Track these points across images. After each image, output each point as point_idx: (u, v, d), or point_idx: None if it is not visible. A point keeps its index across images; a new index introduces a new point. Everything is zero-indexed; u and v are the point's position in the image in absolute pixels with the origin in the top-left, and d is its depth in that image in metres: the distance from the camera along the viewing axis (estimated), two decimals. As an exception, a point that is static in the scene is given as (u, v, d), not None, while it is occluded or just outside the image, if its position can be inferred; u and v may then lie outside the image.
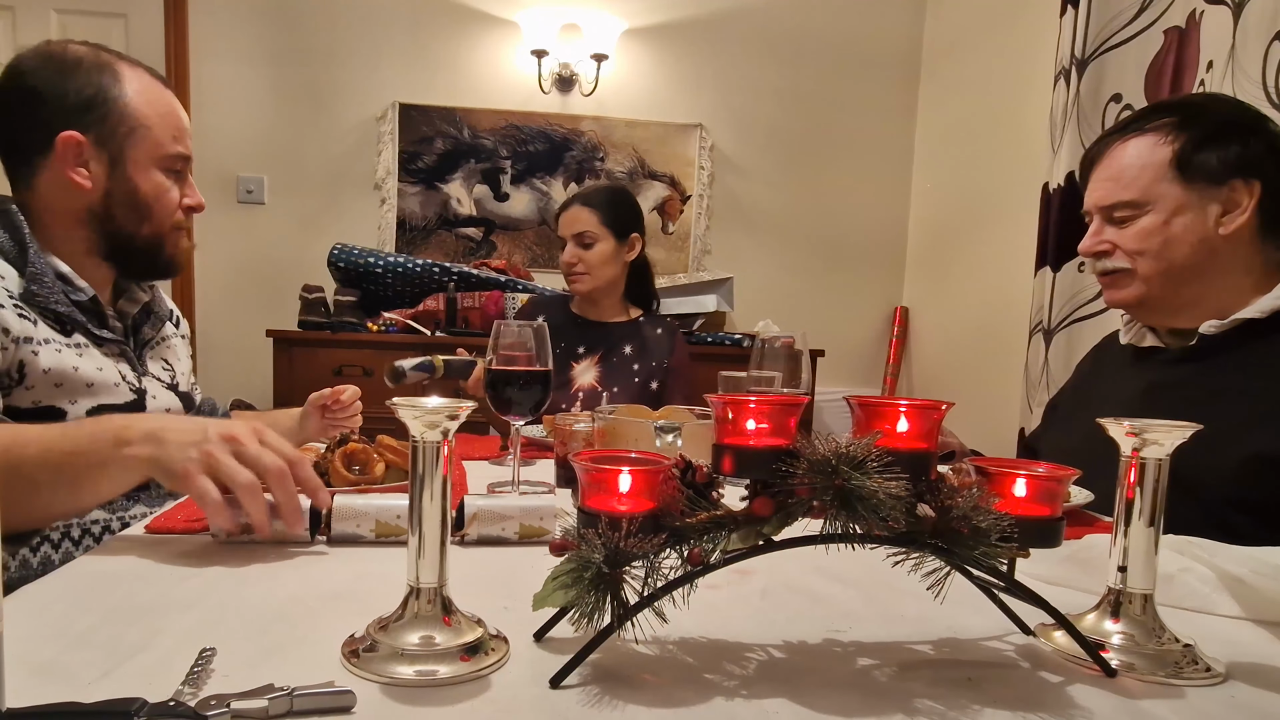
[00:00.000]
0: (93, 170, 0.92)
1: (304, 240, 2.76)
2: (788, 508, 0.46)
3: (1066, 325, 1.81)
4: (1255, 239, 0.91)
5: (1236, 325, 0.90)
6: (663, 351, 1.69)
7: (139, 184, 0.94)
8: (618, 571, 0.43)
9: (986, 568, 0.47)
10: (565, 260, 1.64)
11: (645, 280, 1.75)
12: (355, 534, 0.68)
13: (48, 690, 0.41)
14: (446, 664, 0.45)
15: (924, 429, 0.49)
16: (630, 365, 1.66)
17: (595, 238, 1.61)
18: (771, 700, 0.44)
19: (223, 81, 2.72)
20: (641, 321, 1.72)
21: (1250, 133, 0.90)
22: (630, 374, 1.65)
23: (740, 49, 2.94)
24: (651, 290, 1.77)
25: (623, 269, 1.67)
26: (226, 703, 0.39)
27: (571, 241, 1.63)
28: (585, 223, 1.61)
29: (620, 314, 1.72)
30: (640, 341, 1.68)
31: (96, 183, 0.92)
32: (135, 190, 0.94)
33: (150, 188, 0.95)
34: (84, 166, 0.91)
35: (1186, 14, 1.53)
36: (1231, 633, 0.57)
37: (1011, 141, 2.41)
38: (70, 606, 0.53)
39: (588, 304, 1.70)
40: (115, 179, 0.93)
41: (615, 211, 1.64)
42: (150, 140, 0.94)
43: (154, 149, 0.94)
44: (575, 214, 1.63)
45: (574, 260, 1.62)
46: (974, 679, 0.48)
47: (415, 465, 0.46)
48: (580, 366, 1.65)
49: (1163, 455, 0.50)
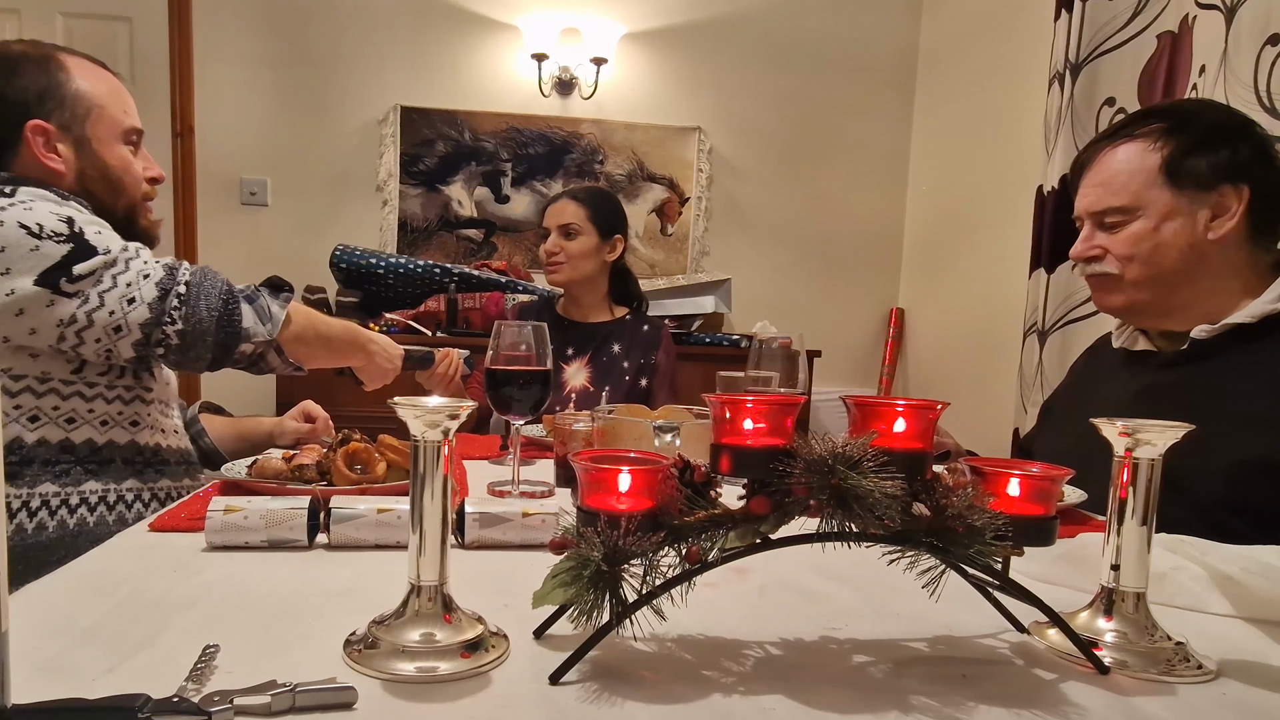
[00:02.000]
0: (62, 153, 0.97)
1: (306, 242, 2.76)
2: (784, 506, 0.47)
3: (1060, 326, 1.82)
4: (1245, 243, 0.92)
5: (1227, 330, 0.91)
6: (651, 347, 1.69)
7: (107, 159, 1.00)
8: (616, 569, 0.44)
9: (981, 566, 0.47)
10: (546, 249, 1.64)
11: (628, 280, 1.75)
12: (355, 539, 0.68)
13: (52, 687, 0.41)
14: (447, 661, 0.45)
15: (919, 429, 0.49)
16: (620, 363, 1.67)
17: (579, 230, 1.62)
18: (768, 697, 0.44)
19: (226, 84, 2.72)
20: (628, 320, 1.72)
21: (1239, 138, 0.91)
22: (621, 371, 1.66)
23: (738, 53, 2.95)
24: (636, 290, 1.77)
25: (603, 268, 1.67)
26: (230, 699, 0.39)
27: (556, 232, 1.63)
28: (571, 215, 1.63)
29: (605, 313, 1.72)
30: (628, 339, 1.69)
31: (69, 164, 0.98)
32: (105, 166, 1.00)
33: (117, 161, 1.01)
34: (54, 151, 0.97)
35: (1179, 19, 1.54)
36: (1223, 631, 0.57)
37: (1006, 145, 2.42)
38: (74, 603, 0.54)
39: (571, 305, 1.71)
40: (84, 158, 0.99)
41: (601, 210, 1.65)
42: (107, 118, 1.00)
43: (112, 125, 1.01)
44: (563, 206, 1.65)
45: (555, 249, 1.63)
46: (969, 676, 0.48)
47: (416, 464, 0.47)
48: (571, 368, 1.66)
49: (1155, 455, 0.51)
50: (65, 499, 0.93)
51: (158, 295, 0.88)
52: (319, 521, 0.69)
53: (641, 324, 1.73)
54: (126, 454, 0.98)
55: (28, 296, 0.83)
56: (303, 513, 0.67)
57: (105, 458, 0.96)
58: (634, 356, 1.68)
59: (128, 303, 0.87)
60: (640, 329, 1.71)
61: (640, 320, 1.74)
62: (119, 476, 0.97)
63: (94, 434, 0.95)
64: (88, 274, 0.85)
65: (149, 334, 0.88)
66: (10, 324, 0.85)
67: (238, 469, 0.93)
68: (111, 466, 0.96)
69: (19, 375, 0.90)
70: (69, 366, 0.93)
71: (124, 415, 0.98)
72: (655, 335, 1.71)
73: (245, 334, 0.92)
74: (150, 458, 1.01)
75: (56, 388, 0.92)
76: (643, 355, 1.68)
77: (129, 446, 0.98)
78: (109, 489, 0.96)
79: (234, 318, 0.91)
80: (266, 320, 0.94)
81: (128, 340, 0.88)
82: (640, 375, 1.67)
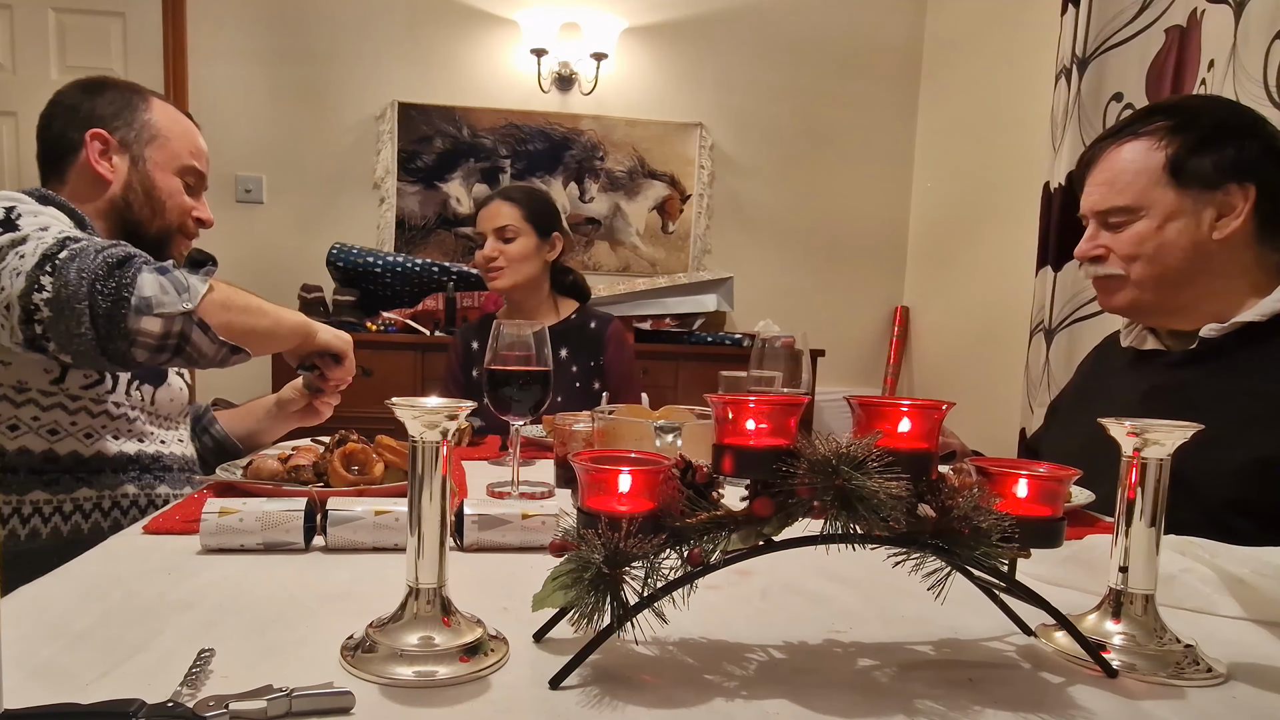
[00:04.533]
0: (115, 164, 1.01)
1: (303, 240, 2.76)
2: (788, 508, 0.46)
3: (1068, 325, 1.81)
4: (1252, 242, 0.91)
5: (1236, 328, 0.90)
6: (597, 348, 1.61)
7: (156, 180, 1.04)
8: (617, 572, 0.43)
9: (987, 568, 0.47)
10: (485, 254, 1.56)
11: (571, 275, 1.67)
12: (352, 541, 0.68)
13: (46, 691, 0.41)
14: (446, 665, 0.45)
15: (925, 429, 0.48)
16: (569, 369, 1.58)
17: (517, 232, 1.55)
18: (772, 701, 0.43)
19: (221, 80, 2.72)
20: (573, 319, 1.63)
21: (1246, 135, 0.90)
22: (570, 378, 1.58)
23: (741, 47, 2.94)
24: (580, 281, 1.69)
25: (544, 268, 1.59)
26: (225, 704, 0.38)
27: (492, 236, 1.55)
28: (507, 217, 1.55)
29: (551, 315, 1.62)
30: (574, 342, 1.60)
31: (118, 175, 1.01)
32: (153, 185, 1.03)
33: (166, 186, 1.04)
34: (108, 160, 1.01)
35: (1188, 13, 1.52)
36: (1233, 633, 0.56)
37: (1012, 140, 2.41)
38: (69, 607, 0.53)
39: (514, 312, 1.62)
40: (135, 174, 1.02)
41: (536, 208, 1.58)
42: (170, 149, 1.05)
43: (172, 157, 1.05)
44: (496, 208, 1.57)
45: (494, 254, 1.55)
46: (975, 679, 0.48)
47: (414, 465, 0.46)
48: None
49: (1164, 455, 0.50)
50: (58, 506, 0.92)
51: (36, 262, 0.76)
52: (315, 524, 0.68)
53: (589, 321, 1.64)
54: (117, 464, 0.97)
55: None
56: (299, 515, 0.67)
57: (94, 468, 0.95)
58: (581, 359, 1.59)
59: (16, 276, 0.77)
60: (587, 327, 1.62)
61: (588, 317, 1.65)
62: (113, 484, 0.96)
63: (79, 446, 0.94)
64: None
65: (25, 307, 0.76)
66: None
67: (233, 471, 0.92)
68: (103, 475, 0.95)
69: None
70: (48, 376, 0.91)
71: (115, 428, 0.97)
72: (601, 334, 1.62)
73: (144, 304, 0.78)
74: (149, 464, 1.01)
75: (35, 398, 0.91)
76: (590, 357, 1.60)
77: (118, 457, 0.97)
78: (103, 495, 0.95)
79: (122, 284, 0.77)
80: (183, 290, 0.81)
81: (15, 318, 0.77)
82: (590, 379, 1.59)
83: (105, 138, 1.00)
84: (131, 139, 1.02)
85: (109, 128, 1.01)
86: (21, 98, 2.59)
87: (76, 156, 1.00)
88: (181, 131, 1.07)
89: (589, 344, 1.62)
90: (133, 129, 1.02)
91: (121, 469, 0.97)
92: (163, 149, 1.04)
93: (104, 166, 1.00)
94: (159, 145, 1.03)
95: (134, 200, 1.02)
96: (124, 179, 1.01)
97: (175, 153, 1.05)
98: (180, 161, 1.05)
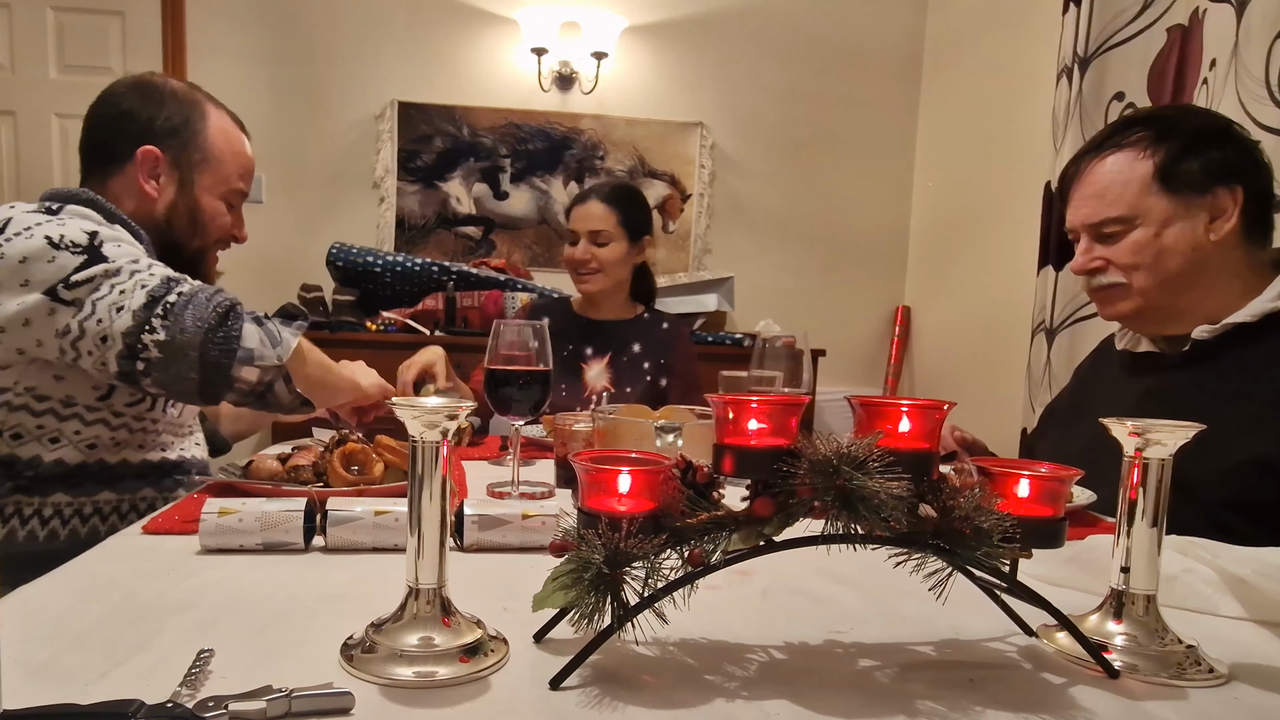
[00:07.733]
0: (162, 184, 1.00)
1: (302, 239, 2.75)
2: (789, 508, 0.46)
3: (1069, 325, 1.80)
4: (1241, 243, 0.93)
5: (1229, 329, 0.91)
6: (668, 347, 1.66)
7: (201, 203, 1.02)
8: (618, 572, 0.43)
9: (988, 568, 0.47)
10: (578, 257, 1.55)
11: (647, 277, 1.72)
12: (352, 541, 0.68)
13: (45, 691, 0.41)
14: (445, 665, 0.45)
15: (926, 429, 0.48)
16: (641, 364, 1.63)
17: (611, 237, 1.55)
18: (772, 702, 0.43)
19: (220, 79, 2.71)
20: (647, 318, 1.68)
21: (1225, 140, 0.92)
22: (642, 373, 1.62)
23: (741, 47, 2.93)
24: (652, 286, 1.74)
25: (631, 271, 1.63)
26: (224, 704, 0.38)
27: (586, 238, 1.55)
28: (603, 220, 1.55)
29: (625, 312, 1.66)
30: (648, 339, 1.64)
31: (164, 196, 1.00)
32: (197, 208, 1.02)
33: (209, 208, 1.03)
34: (155, 179, 0.99)
35: (1189, 12, 1.52)
36: (1235, 634, 0.56)
37: (1013, 140, 2.41)
38: (68, 607, 0.53)
39: (589, 304, 1.66)
40: (181, 195, 1.01)
41: (632, 212, 1.59)
42: (220, 173, 1.03)
43: (221, 181, 1.03)
44: (592, 209, 1.56)
45: (587, 257, 1.55)
46: (976, 680, 0.47)
47: (414, 465, 0.46)
48: (592, 370, 1.61)
49: (1165, 455, 0.50)
50: (78, 509, 0.92)
51: (145, 302, 0.81)
52: (315, 524, 0.68)
53: (661, 322, 1.68)
54: (142, 470, 0.97)
55: (33, 306, 0.82)
56: (299, 515, 0.67)
57: (118, 474, 0.95)
58: (653, 356, 1.63)
59: (116, 311, 0.80)
60: (659, 327, 1.66)
61: (659, 319, 1.69)
62: (134, 488, 0.96)
63: (107, 455, 0.94)
64: (85, 281, 0.82)
65: (130, 344, 0.79)
66: (21, 335, 0.84)
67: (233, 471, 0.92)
68: (125, 480, 0.96)
69: (43, 396, 0.89)
70: (95, 393, 0.91)
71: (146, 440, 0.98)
72: (673, 335, 1.67)
73: (246, 355, 0.84)
74: (171, 469, 1.01)
75: (80, 413, 0.91)
76: (661, 355, 1.63)
77: (143, 465, 0.98)
78: (123, 499, 0.96)
79: (230, 335, 0.82)
80: (276, 344, 0.86)
81: (113, 351, 0.80)
82: (659, 375, 1.63)
83: (157, 157, 0.98)
84: (183, 160, 1.00)
85: (162, 145, 0.98)
86: (20, 97, 2.57)
87: (123, 168, 0.98)
88: (234, 153, 1.04)
89: (660, 342, 1.64)
90: (186, 149, 1.00)
91: (144, 475, 0.97)
92: (213, 174, 1.02)
93: (151, 186, 0.98)
94: (209, 170, 1.02)
95: (176, 223, 1.00)
96: (169, 200, 1.00)
97: (225, 176, 1.03)
98: (229, 185, 1.04)
